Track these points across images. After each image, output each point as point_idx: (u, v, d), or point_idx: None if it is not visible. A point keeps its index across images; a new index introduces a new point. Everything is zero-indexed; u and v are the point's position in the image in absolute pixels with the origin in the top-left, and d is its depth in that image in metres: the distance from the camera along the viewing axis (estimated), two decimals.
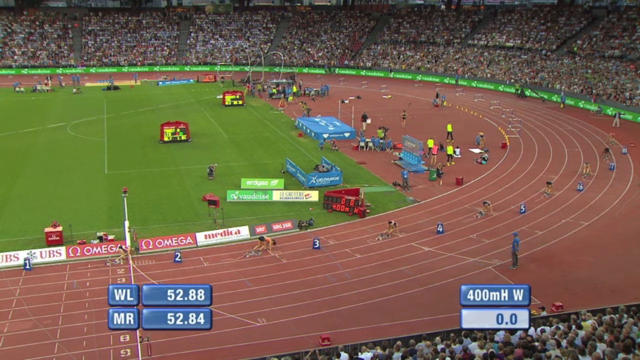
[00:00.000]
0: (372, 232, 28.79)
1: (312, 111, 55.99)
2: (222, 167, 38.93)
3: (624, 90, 59.71)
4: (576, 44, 73.45)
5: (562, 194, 34.27)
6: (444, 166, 37.98)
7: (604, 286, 23.01)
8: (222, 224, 29.29)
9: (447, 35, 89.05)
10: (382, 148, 44.24)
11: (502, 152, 43.59)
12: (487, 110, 59.70)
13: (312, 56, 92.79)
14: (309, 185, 35.04)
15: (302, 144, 46.06)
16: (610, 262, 25.35)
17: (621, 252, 26.60)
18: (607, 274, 24.22)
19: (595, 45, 71.03)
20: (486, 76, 76.70)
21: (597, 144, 45.78)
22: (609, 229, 29.35)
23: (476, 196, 33.78)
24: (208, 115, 56.99)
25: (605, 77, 64.00)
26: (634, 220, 30.43)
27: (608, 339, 13.50)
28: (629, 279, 23.67)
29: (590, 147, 44.87)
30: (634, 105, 56.77)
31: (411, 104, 60.92)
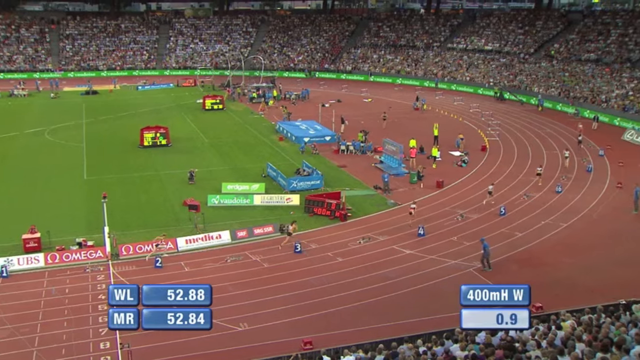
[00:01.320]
0: (354, 235, 28.84)
1: (292, 115, 55.98)
2: (203, 171, 38.75)
3: (600, 93, 60.60)
4: (553, 47, 74.39)
5: (542, 195, 34.64)
6: (424, 168, 38.29)
7: (583, 286, 23.29)
8: (203, 228, 29.15)
9: (427, 39, 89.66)
10: (363, 151, 44.36)
11: (481, 155, 43.94)
12: (467, 113, 60.18)
13: (293, 60, 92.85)
14: (290, 189, 35.01)
15: (283, 148, 46.02)
16: (589, 263, 25.66)
17: (599, 252, 26.95)
18: (586, 274, 24.52)
19: (571, 49, 71.99)
20: (465, 79, 77.34)
21: (575, 147, 46.32)
22: (587, 230, 29.72)
23: (456, 199, 34.01)
24: (188, 120, 56.72)
25: (581, 80, 64.88)
26: (611, 221, 30.86)
27: (587, 339, 13.66)
28: (607, 279, 23.98)
29: (569, 150, 45.34)
30: (609, 107, 57.62)
31: (391, 107, 61.17)
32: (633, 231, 29.74)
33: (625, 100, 57.15)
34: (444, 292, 23.20)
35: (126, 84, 78.52)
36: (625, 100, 57.15)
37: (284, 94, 68.57)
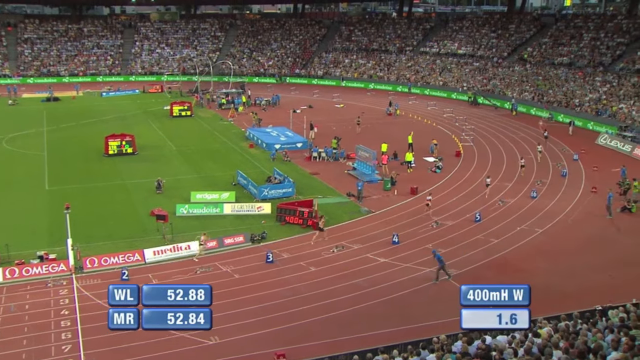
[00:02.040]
0: (327, 244, 28.84)
1: (263, 121, 55.91)
2: (171, 180, 38.44)
3: (574, 97, 61.74)
4: (526, 51, 75.61)
5: (517, 201, 35.08)
6: (398, 174, 38.55)
7: (559, 293, 23.60)
8: (172, 239, 28.89)
9: (399, 43, 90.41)
10: (336, 158, 44.48)
11: (456, 161, 44.39)
12: (441, 118, 60.77)
13: (263, 65, 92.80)
14: (261, 198, 34.93)
15: (253, 155, 45.91)
16: (565, 269, 26.05)
17: (575, 258, 27.38)
18: (562, 280, 24.87)
19: (545, 52, 73.26)
20: (439, 84, 78.14)
21: (549, 151, 47.09)
22: (562, 235, 30.18)
23: (431, 205, 34.24)
24: (155, 127, 56.26)
25: (555, 85, 66.04)
26: (586, 226, 31.40)
27: (563, 346, 13.84)
28: (583, 285, 24.37)
29: (543, 154, 46.06)
30: (583, 111, 58.71)
31: (364, 113, 61.48)
32: (608, 236, 30.31)
33: (599, 104, 58.30)
34: (419, 301, 23.33)
35: (90, 91, 77.54)
36: (599, 104, 58.30)
37: (254, 99, 68.48)
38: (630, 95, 57.05)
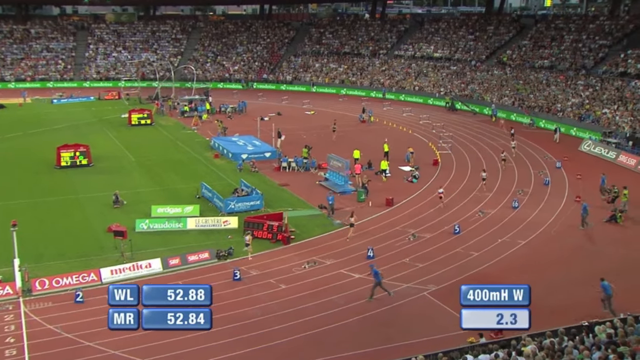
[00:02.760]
0: (298, 259, 28.79)
1: (228, 130, 55.79)
2: (130, 193, 38.08)
3: (556, 101, 62.75)
4: (506, 54, 76.77)
5: (497, 212, 35.45)
6: (370, 180, 38.76)
7: (543, 308, 23.82)
8: (131, 257, 28.58)
9: (372, 46, 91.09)
10: (306, 168, 44.53)
11: (433, 170, 44.74)
12: (417, 125, 61.27)
13: (228, 70, 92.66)
14: (228, 211, 34.77)
15: (218, 166, 45.73)
16: (549, 283, 26.33)
17: (559, 271, 27.72)
18: (546, 295, 25.12)
19: (524, 55, 74.44)
20: (414, 89, 78.82)
21: (531, 158, 47.77)
22: (546, 247, 30.54)
23: (408, 217, 34.45)
24: (112, 136, 55.73)
25: (536, 89, 67.07)
26: (570, 237, 31.83)
27: None
28: (568, 299, 24.65)
29: (524, 162, 46.74)
30: (565, 117, 59.68)
31: (336, 120, 61.68)
32: (593, 247, 30.77)
33: (581, 109, 59.33)
34: (396, 318, 23.37)
35: (39, 97, 76.56)
36: (581, 109, 59.33)
37: (219, 107, 68.31)
38: (613, 100, 58.19)
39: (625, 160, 46.77)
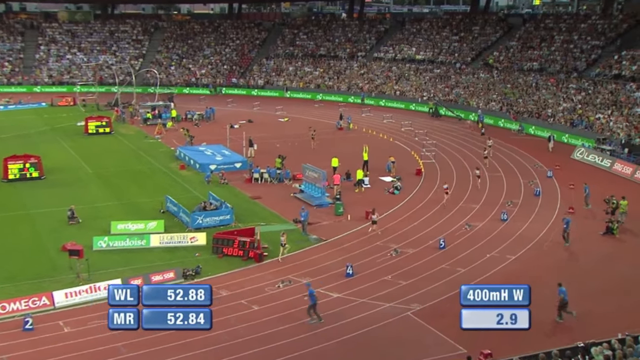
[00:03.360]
0: (272, 278, 28.68)
1: (195, 139, 55.62)
2: (87, 208, 37.75)
3: (546, 106, 63.43)
4: (492, 56, 77.62)
5: (485, 225, 35.66)
6: (340, 192, 38.88)
7: (536, 328, 23.93)
8: (88, 278, 28.26)
9: (350, 48, 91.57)
10: (280, 179, 44.51)
11: (416, 180, 44.95)
12: (398, 133, 61.58)
13: (194, 74, 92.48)
14: (195, 227, 34.59)
15: (185, 178, 45.54)
16: (541, 300, 26.42)
17: (553, 287, 27.88)
18: (538, 313, 25.15)
19: (512, 57, 75.35)
20: (395, 94, 79.33)
21: (520, 167, 48.19)
22: (537, 262, 30.75)
23: (389, 231, 34.52)
24: (67, 146, 55.27)
25: (525, 93, 67.84)
26: (563, 252, 32.11)
27: None
28: (561, 322, 24.81)
29: (514, 171, 47.16)
30: (556, 122, 60.36)
31: (311, 127, 61.79)
32: (588, 262, 31.04)
33: (573, 115, 60.07)
34: (378, 342, 23.34)
35: None
36: (573, 115, 60.07)
37: (184, 113, 68.10)
38: (607, 104, 59.00)
39: (620, 169, 47.33)
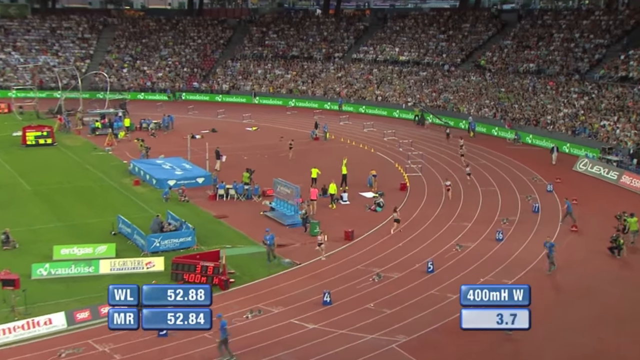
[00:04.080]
0: (239, 308, 28.58)
1: (152, 150, 55.38)
2: (24, 231, 37.41)
3: (545, 112, 63.98)
4: (484, 56, 78.34)
5: (478, 245, 35.82)
6: (309, 209, 38.98)
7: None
8: (25, 312, 27.88)
9: (326, 48, 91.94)
10: (248, 196, 44.48)
11: (401, 195, 45.12)
12: (380, 143, 61.85)
13: (150, 77, 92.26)
14: (151, 251, 34.41)
15: (139, 195, 45.35)
16: (542, 331, 26.69)
17: (554, 316, 28.08)
18: (538, 346, 25.44)
19: (507, 57, 76.10)
20: (377, 99, 79.71)
21: (517, 181, 48.58)
22: (537, 288, 30.76)
23: (371, 253, 34.56)
24: (1, 160, 54.79)
25: (521, 97, 68.47)
26: (568, 275, 32.27)
27: None
28: (565, 351, 24.97)
29: (509, 185, 47.53)
30: (556, 130, 60.94)
31: (283, 137, 61.92)
32: (594, 286, 31.16)
33: (575, 121, 60.70)
34: None
35: None
36: (575, 121, 60.70)
37: (139, 122, 67.87)
38: (613, 110, 59.66)
39: (629, 182, 47.82)
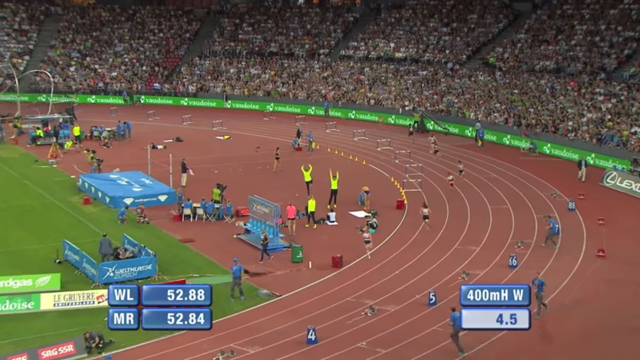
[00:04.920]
0: (209, 348, 28.48)
1: (105, 163, 55.21)
2: None
3: (565, 117, 64.07)
4: (494, 52, 78.57)
5: (488, 273, 35.72)
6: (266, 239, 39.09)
7: None
8: None
9: (310, 44, 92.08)
10: (219, 216, 44.36)
11: (397, 215, 45.12)
12: (374, 153, 61.97)
13: (102, 77, 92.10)
14: (104, 282, 34.17)
15: (90, 216, 45.19)
16: None
17: (579, 356, 28.03)
18: None
19: (520, 54, 76.31)
20: (369, 103, 79.79)
21: (533, 197, 48.57)
22: (557, 324, 30.81)
23: (363, 283, 34.42)
24: None
25: (538, 100, 68.54)
26: (591, 309, 32.12)
27: None
28: None
29: (524, 202, 47.56)
30: (579, 138, 60.98)
31: (260, 147, 61.86)
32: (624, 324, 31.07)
33: (601, 128, 60.74)
34: None
35: None
36: (601, 128, 60.74)
37: (89, 130, 67.68)
38: None
39: None
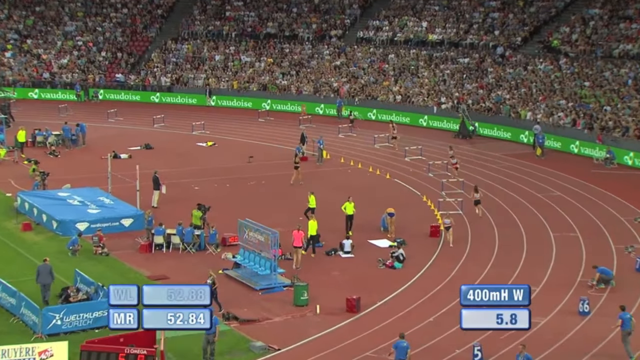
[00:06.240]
0: None
1: (51, 177, 55.29)
2: None
3: None
4: (558, 33, 78.42)
5: (551, 321, 35.51)
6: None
7: None
8: None
9: (318, 23, 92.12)
10: (200, 246, 44.31)
11: (431, 245, 45.00)
12: (401, 164, 61.89)
13: (48, 65, 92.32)
14: (49, 332, 34.16)
15: (31, 247, 45.32)
16: None
17: None
18: None
19: (593, 35, 76.06)
20: (394, 99, 79.65)
21: (610, 222, 48.23)
22: None
23: (388, 331, 34.20)
24: None
25: (617, 96, 68.14)
26: None
27: None
28: None
29: (598, 228, 47.30)
30: None
31: (253, 157, 61.96)
32: None
33: None
34: None
35: None
36: None
37: (31, 134, 67.78)
38: None
39: None
